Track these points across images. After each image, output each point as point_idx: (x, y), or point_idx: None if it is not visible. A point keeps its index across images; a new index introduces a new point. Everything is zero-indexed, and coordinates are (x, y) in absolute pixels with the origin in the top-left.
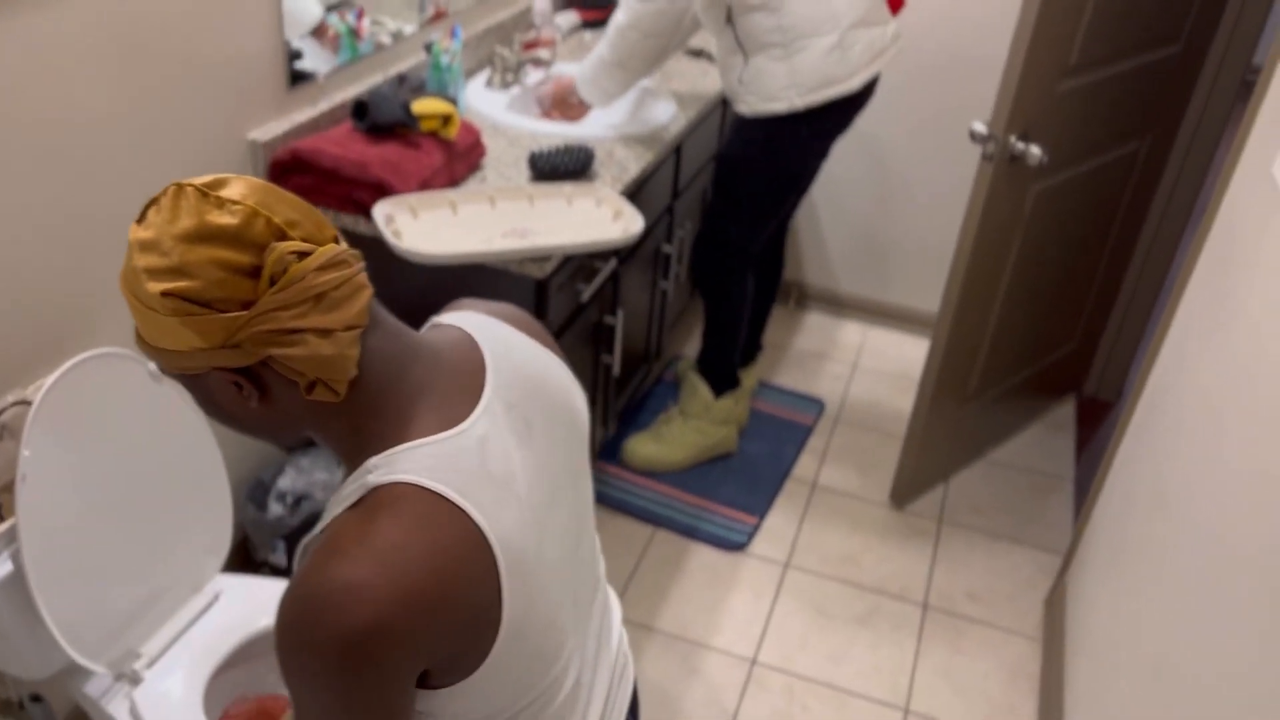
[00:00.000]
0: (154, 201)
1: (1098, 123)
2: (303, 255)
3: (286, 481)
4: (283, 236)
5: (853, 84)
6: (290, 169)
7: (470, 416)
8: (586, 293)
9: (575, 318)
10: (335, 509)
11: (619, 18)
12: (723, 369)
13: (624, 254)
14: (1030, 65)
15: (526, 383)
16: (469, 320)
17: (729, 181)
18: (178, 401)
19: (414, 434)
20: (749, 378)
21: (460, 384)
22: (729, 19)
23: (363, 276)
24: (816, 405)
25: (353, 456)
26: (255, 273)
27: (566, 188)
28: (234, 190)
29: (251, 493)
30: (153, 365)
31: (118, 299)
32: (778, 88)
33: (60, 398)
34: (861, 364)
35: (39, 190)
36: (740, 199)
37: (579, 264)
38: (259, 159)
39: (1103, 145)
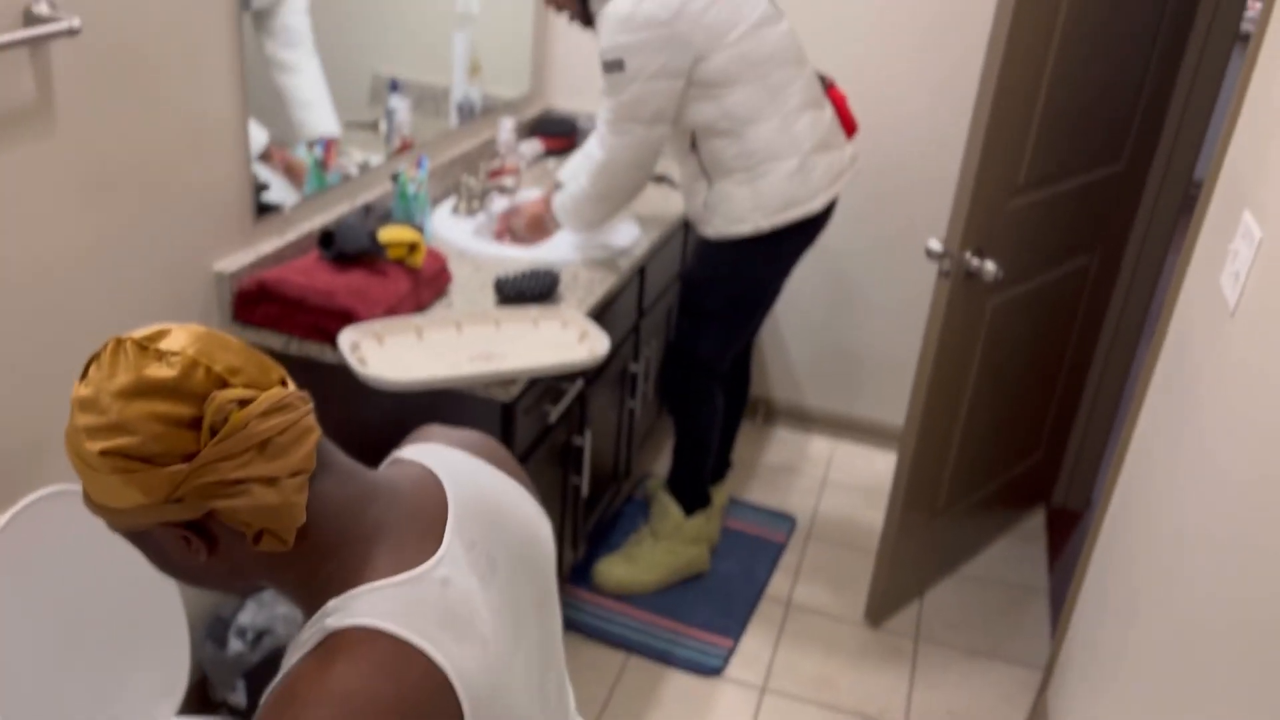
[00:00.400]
0: (95, 358)
1: (1048, 238)
2: (245, 402)
3: (247, 617)
4: (224, 385)
5: (814, 205)
6: (256, 299)
7: (432, 558)
8: (554, 414)
9: (543, 439)
10: (293, 655)
11: (597, 155)
12: (694, 487)
13: (591, 375)
14: (980, 185)
15: (489, 518)
16: (430, 454)
17: (695, 301)
18: None
19: (372, 575)
20: (719, 495)
21: (420, 524)
22: (693, 146)
23: (310, 419)
24: (788, 521)
25: (309, 602)
26: (196, 424)
27: (532, 311)
28: (173, 341)
29: (211, 629)
30: None
31: None
32: (742, 211)
33: (12, 537)
34: (831, 478)
35: None
36: (707, 318)
37: (546, 386)
38: (224, 290)
39: (1055, 259)
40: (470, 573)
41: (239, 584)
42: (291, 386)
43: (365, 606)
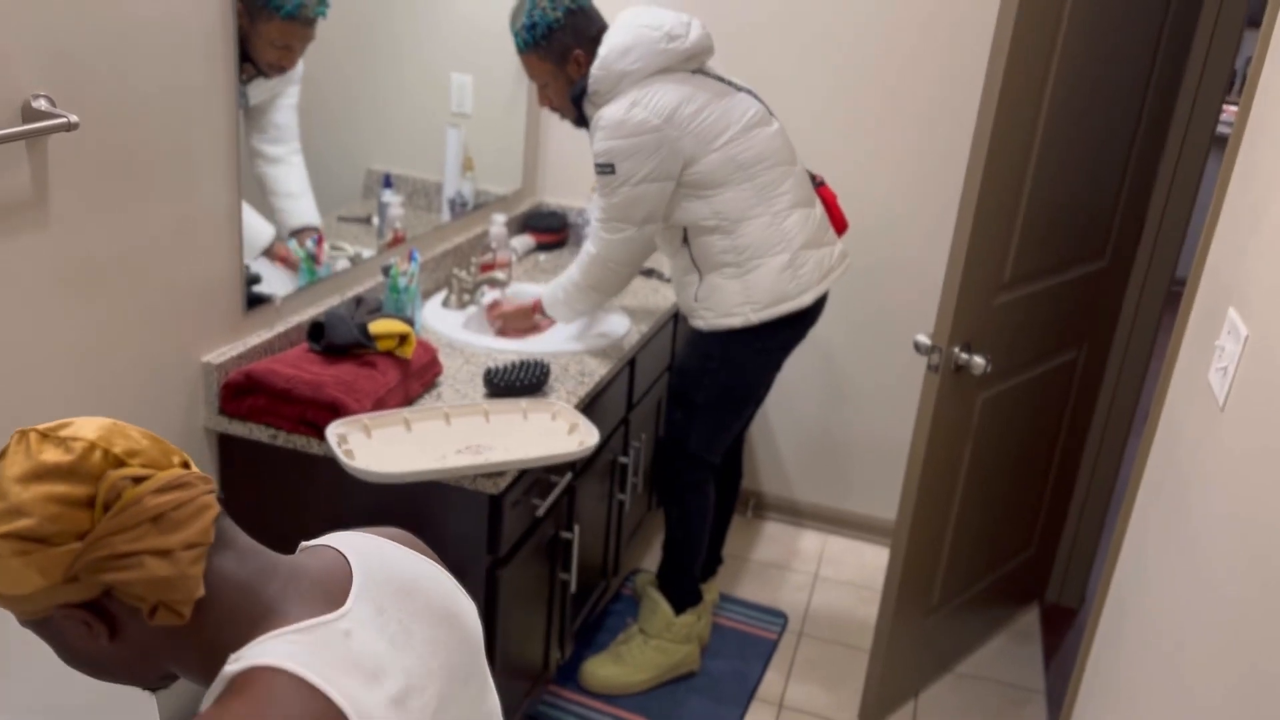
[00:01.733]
0: (3, 452)
1: (1036, 332)
2: (139, 479)
3: None
4: (120, 465)
5: (804, 300)
6: (243, 390)
7: (334, 612)
8: (542, 508)
9: (531, 533)
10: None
11: (589, 248)
12: (684, 584)
13: (580, 467)
14: (967, 280)
15: (400, 588)
16: (337, 538)
17: (686, 392)
18: None
19: (269, 627)
20: (710, 591)
21: (322, 594)
22: (684, 240)
23: (208, 498)
24: (780, 618)
25: (212, 670)
26: (91, 503)
27: (522, 403)
28: (75, 429)
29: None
30: None
31: None
32: (733, 304)
33: None
34: (823, 574)
35: None
36: (698, 409)
37: (535, 478)
38: (212, 381)
39: (1043, 353)
40: (379, 635)
41: (144, 670)
42: (193, 469)
43: (265, 651)
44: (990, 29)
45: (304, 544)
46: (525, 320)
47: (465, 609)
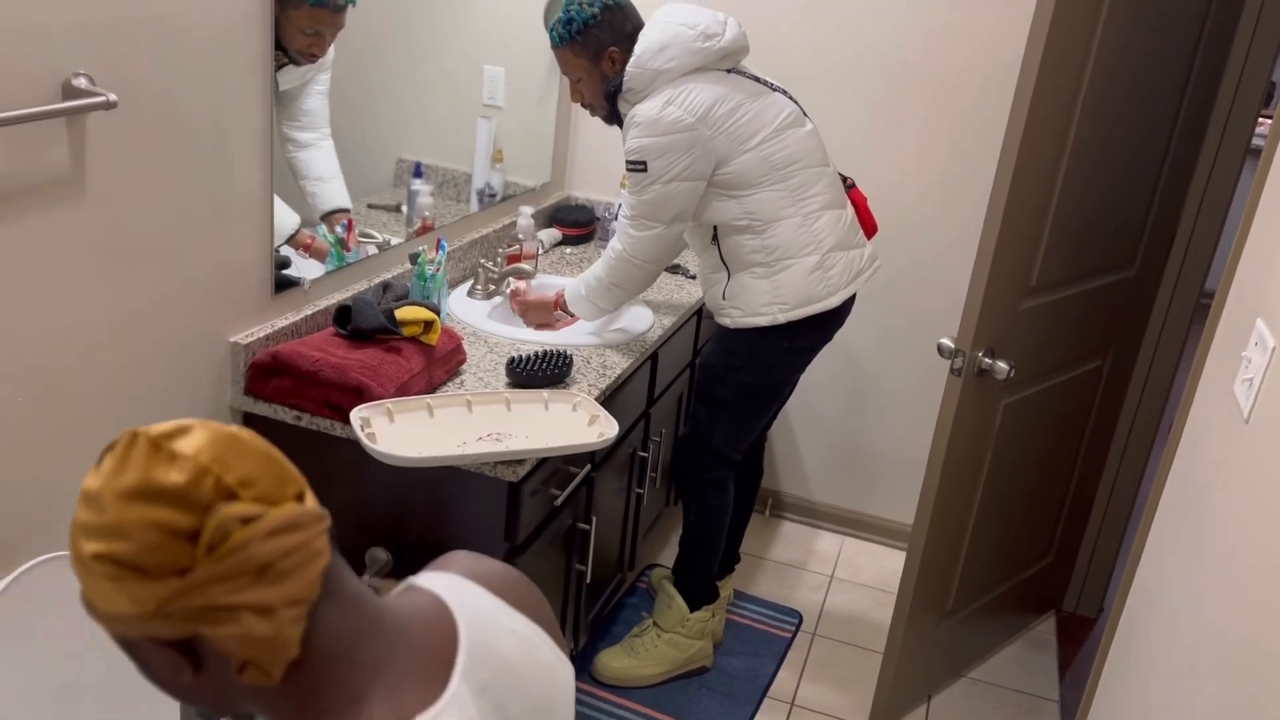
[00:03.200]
0: (110, 448)
1: (1061, 339)
2: (249, 520)
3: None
4: (232, 497)
5: (832, 302)
6: (270, 371)
7: (433, 706)
8: (560, 498)
9: (548, 523)
10: None
11: (615, 244)
12: (701, 580)
13: (599, 459)
14: (993, 285)
15: (503, 665)
16: (448, 586)
17: (711, 389)
18: None
19: (369, 707)
20: (726, 588)
21: (424, 663)
22: (714, 238)
23: (321, 542)
24: (794, 618)
25: None
26: (195, 537)
27: (544, 393)
28: (189, 443)
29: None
30: None
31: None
32: (761, 303)
33: (9, 602)
34: (839, 575)
35: (1, 389)
36: (722, 406)
37: (553, 469)
38: (239, 361)
39: (1067, 361)
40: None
41: (225, 707)
42: (309, 502)
43: None
44: (1025, 32)
45: (411, 580)
46: (545, 314)
47: (564, 680)
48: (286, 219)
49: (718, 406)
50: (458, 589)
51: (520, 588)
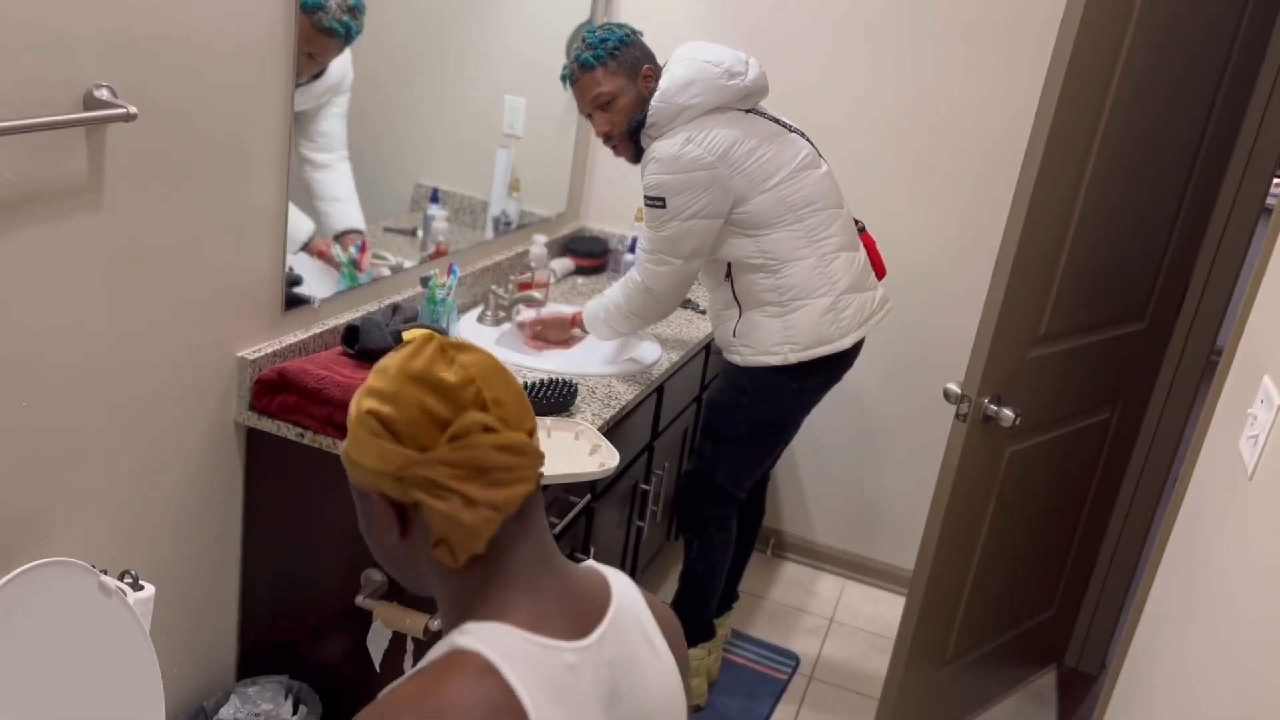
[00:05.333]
0: (409, 341)
1: (1068, 389)
2: (490, 429)
3: (229, 711)
4: (485, 408)
5: (844, 343)
6: (275, 388)
7: (572, 642)
8: (559, 527)
9: None
10: (425, 658)
11: (634, 275)
12: (699, 618)
13: (599, 490)
14: (1001, 332)
15: (631, 659)
16: (618, 577)
17: (719, 426)
18: (122, 617)
19: (515, 621)
20: (723, 626)
21: (573, 610)
22: (727, 275)
23: (532, 474)
24: (791, 660)
25: (453, 619)
26: (445, 427)
27: (547, 420)
28: (467, 356)
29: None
30: (103, 577)
31: (75, 508)
32: (772, 342)
33: (2, 607)
34: (839, 619)
35: (6, 393)
36: (728, 443)
37: (553, 496)
38: (246, 376)
39: (1074, 411)
40: (596, 684)
41: (410, 576)
42: (535, 440)
43: (495, 640)
44: (1038, 83)
45: (590, 562)
46: (562, 332)
47: (675, 711)
48: (302, 225)
49: (724, 443)
50: (624, 583)
51: (671, 621)
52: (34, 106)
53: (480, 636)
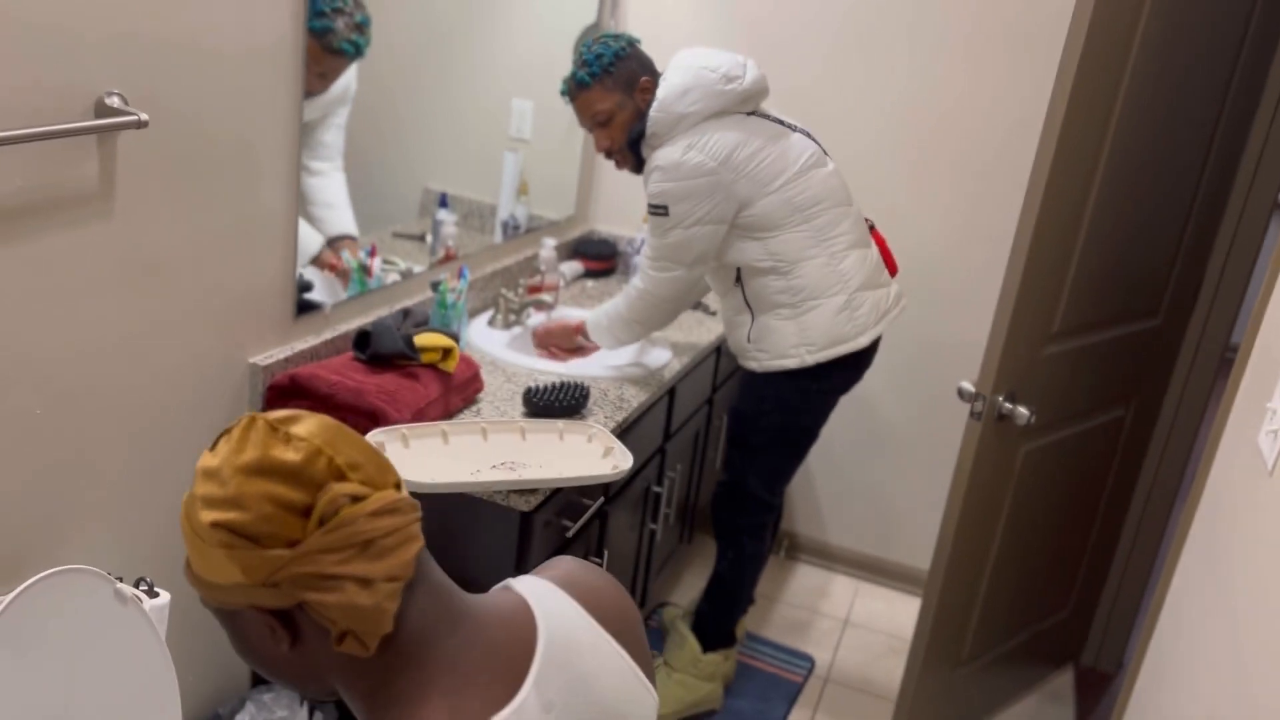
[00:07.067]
0: (227, 431)
1: (1083, 387)
2: (357, 499)
3: (245, 718)
4: (342, 478)
5: (861, 341)
6: (287, 393)
7: (495, 716)
8: (573, 529)
9: (559, 554)
10: None
11: (637, 282)
12: (723, 625)
13: (612, 493)
14: (1015, 330)
15: (577, 683)
16: (539, 593)
17: (745, 435)
18: (138, 625)
19: (438, 695)
20: (738, 629)
21: (497, 667)
22: (738, 280)
23: (416, 528)
24: (806, 662)
25: (370, 713)
26: (307, 512)
27: (559, 424)
28: (303, 428)
29: None
30: (119, 584)
31: (91, 516)
32: (788, 345)
33: (17, 614)
34: (853, 620)
35: (20, 400)
36: (757, 451)
37: (567, 500)
38: (257, 382)
39: (1089, 409)
40: None
41: (311, 685)
42: (404, 492)
43: None
44: (1045, 78)
45: (508, 581)
46: (569, 340)
47: (639, 714)
48: (312, 238)
49: (753, 451)
50: (548, 598)
51: (615, 608)
52: (46, 114)
53: None
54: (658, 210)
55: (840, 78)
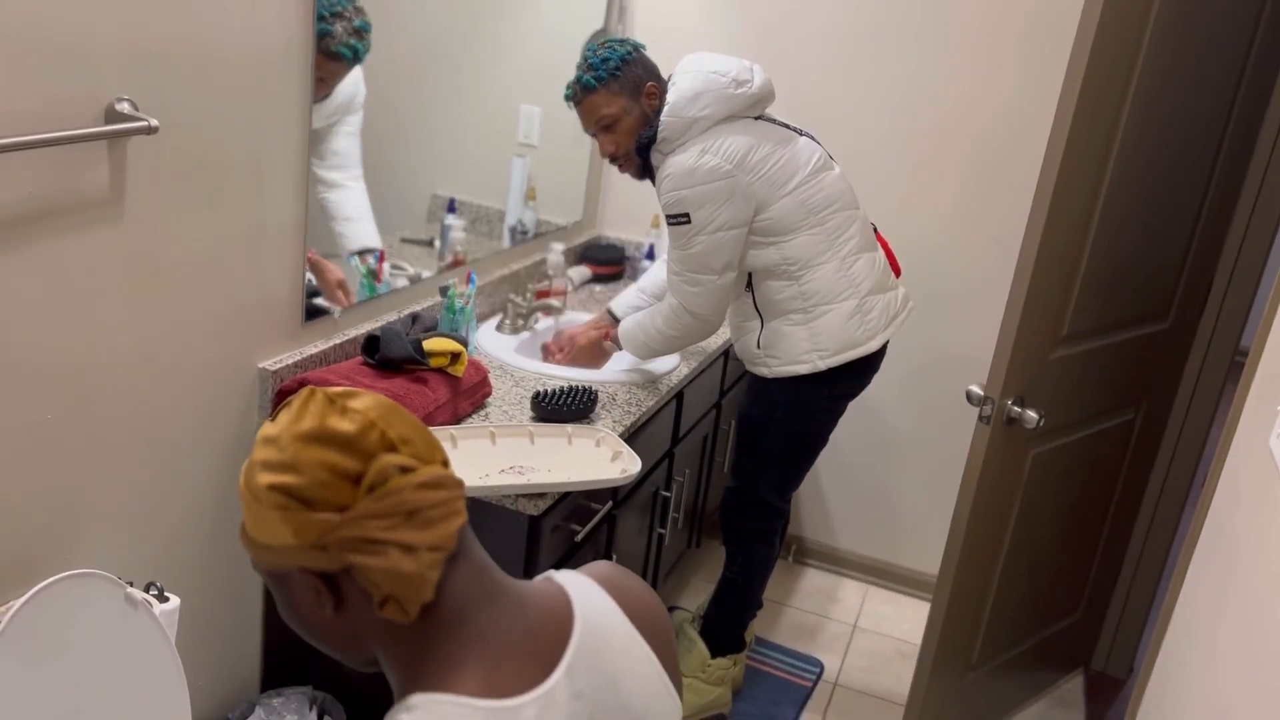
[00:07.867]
0: (287, 402)
1: (1092, 390)
2: (406, 470)
3: None
4: (392, 450)
5: (872, 346)
6: None
7: (529, 693)
8: (581, 534)
9: (568, 558)
10: None
11: (673, 301)
12: (732, 631)
13: (621, 497)
14: (1023, 333)
15: (607, 678)
16: (580, 586)
17: (755, 442)
18: (148, 629)
19: (463, 687)
20: (747, 634)
21: (532, 647)
22: (747, 285)
23: (460, 504)
24: (815, 666)
25: (403, 684)
26: (358, 480)
27: (568, 428)
28: (359, 402)
29: None
30: (129, 589)
31: (100, 521)
32: (800, 351)
33: (29, 618)
34: (862, 625)
35: (31, 405)
36: (767, 458)
37: (575, 504)
38: (267, 386)
39: (1098, 412)
40: None
41: (352, 650)
42: (451, 469)
43: (442, 714)
44: (1051, 81)
45: (549, 573)
46: (600, 357)
47: (662, 717)
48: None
49: (763, 458)
50: (588, 592)
51: (651, 614)
52: (56, 120)
53: (427, 712)
54: (679, 219)
55: (845, 80)
